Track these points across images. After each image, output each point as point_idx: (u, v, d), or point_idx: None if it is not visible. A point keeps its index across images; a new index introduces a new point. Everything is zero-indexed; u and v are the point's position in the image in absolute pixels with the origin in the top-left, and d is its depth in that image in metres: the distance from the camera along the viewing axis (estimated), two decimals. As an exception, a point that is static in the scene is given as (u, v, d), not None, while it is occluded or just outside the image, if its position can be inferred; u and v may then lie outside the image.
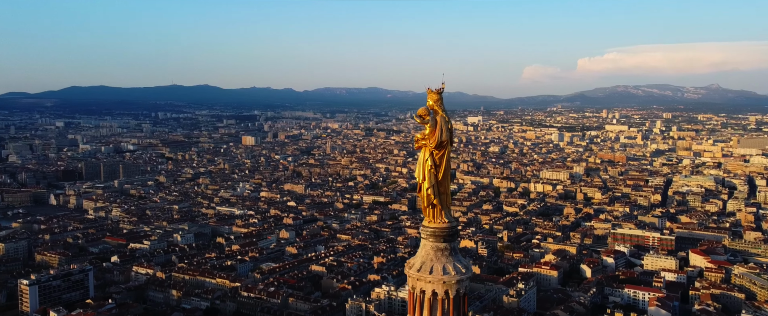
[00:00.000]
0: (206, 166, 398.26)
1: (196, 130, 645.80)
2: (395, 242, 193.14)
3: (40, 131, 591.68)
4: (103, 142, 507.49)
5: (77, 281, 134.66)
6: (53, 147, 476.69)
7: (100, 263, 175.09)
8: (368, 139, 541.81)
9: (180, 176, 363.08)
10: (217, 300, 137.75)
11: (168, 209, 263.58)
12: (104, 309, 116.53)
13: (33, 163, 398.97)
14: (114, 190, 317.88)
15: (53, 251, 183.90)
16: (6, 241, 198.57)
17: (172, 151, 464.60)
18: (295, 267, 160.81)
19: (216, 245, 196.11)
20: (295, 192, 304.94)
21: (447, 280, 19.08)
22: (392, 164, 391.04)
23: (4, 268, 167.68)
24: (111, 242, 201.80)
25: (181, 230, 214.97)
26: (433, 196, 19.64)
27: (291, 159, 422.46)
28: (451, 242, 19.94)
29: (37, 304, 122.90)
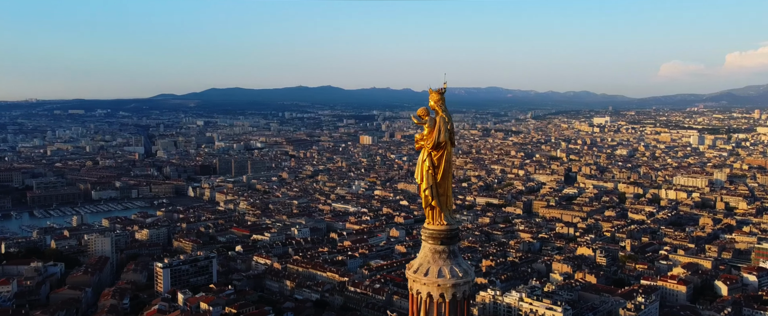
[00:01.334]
0: (325, 163, 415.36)
1: (318, 129, 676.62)
2: (506, 245, 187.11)
3: (183, 129, 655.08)
4: (235, 140, 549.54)
5: (203, 267, 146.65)
6: (193, 144, 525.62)
7: (226, 251, 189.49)
8: (485, 140, 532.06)
9: (301, 172, 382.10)
10: (326, 293, 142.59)
11: (288, 204, 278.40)
12: (224, 294, 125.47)
13: (176, 158, 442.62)
14: (242, 184, 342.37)
15: (188, 238, 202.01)
16: (150, 227, 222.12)
17: (295, 149, 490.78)
18: (402, 266, 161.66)
19: (329, 240, 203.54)
20: (408, 191, 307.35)
21: (442, 283, 18.84)
22: (508, 165, 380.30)
23: (146, 252, 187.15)
24: (236, 233, 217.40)
25: (298, 224, 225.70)
26: (430, 197, 19.49)
27: (406, 158, 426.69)
28: (449, 245, 19.62)
29: (169, 285, 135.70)
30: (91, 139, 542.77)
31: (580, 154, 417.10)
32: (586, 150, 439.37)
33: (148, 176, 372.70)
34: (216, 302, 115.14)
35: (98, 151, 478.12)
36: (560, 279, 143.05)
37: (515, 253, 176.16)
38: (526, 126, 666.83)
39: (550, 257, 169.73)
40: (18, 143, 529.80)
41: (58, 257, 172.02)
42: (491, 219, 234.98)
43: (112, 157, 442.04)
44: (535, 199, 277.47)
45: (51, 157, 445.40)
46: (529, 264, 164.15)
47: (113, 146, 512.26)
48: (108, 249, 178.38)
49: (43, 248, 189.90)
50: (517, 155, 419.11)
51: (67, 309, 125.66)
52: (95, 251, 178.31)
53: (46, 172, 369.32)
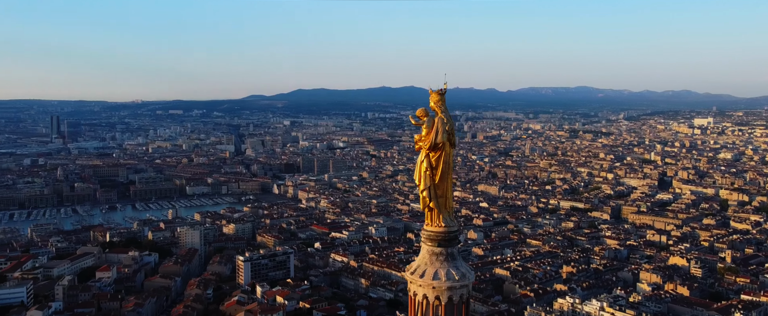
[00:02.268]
0: (405, 164, 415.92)
1: (399, 129, 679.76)
2: (591, 252, 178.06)
3: (271, 129, 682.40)
4: (319, 140, 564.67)
5: (281, 262, 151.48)
6: (279, 143, 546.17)
7: (305, 247, 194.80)
8: (572, 142, 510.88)
9: (381, 172, 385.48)
10: (400, 292, 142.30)
11: (367, 203, 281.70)
12: (300, 289, 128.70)
13: (263, 156, 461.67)
14: (324, 183, 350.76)
15: (270, 233, 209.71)
16: (237, 222, 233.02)
17: (376, 149, 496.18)
18: (478, 268, 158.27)
19: (406, 239, 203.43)
20: (489, 193, 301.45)
21: (437, 285, 18.76)
22: (596, 168, 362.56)
23: (232, 245, 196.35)
24: (316, 230, 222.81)
25: (376, 223, 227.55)
26: (428, 199, 19.39)
27: (488, 160, 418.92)
28: (446, 247, 19.44)
29: (249, 278, 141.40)
30: (187, 138, 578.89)
31: (677, 158, 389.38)
32: (684, 153, 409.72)
33: (237, 173, 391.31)
34: (291, 296, 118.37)
35: (193, 149, 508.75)
36: (648, 290, 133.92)
37: (600, 260, 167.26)
38: (618, 127, 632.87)
39: (638, 265, 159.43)
40: (124, 141, 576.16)
41: (153, 247, 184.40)
42: (575, 224, 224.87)
43: (206, 154, 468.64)
44: (625, 204, 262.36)
45: (152, 154, 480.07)
46: (614, 272, 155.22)
47: (207, 145, 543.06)
48: (197, 242, 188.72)
49: (141, 238, 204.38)
50: (606, 158, 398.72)
51: (158, 296, 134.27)
52: (186, 242, 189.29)
53: (147, 168, 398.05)
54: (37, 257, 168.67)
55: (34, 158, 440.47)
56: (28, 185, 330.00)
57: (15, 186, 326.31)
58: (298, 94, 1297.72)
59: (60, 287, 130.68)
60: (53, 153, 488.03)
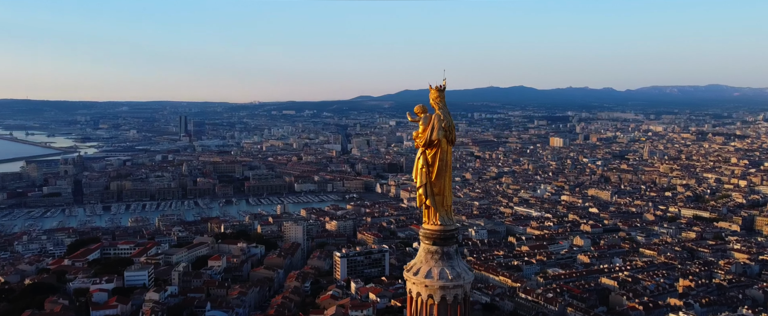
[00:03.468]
0: (511, 165, 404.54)
1: (506, 130, 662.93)
2: (714, 265, 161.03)
3: (377, 129, 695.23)
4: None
5: (376, 260, 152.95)
6: (384, 143, 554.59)
7: (403, 247, 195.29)
8: (699, 145, 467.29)
9: (485, 173, 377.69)
10: (496, 297, 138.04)
11: (469, 205, 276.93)
12: (393, 287, 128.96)
13: (368, 155, 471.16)
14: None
15: (370, 231, 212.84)
16: (339, 219, 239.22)
17: (481, 150, 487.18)
18: (583, 277, 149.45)
19: (507, 243, 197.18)
20: (600, 198, 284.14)
21: (429, 284, 18.62)
22: (726, 174, 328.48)
23: (333, 241, 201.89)
24: (415, 230, 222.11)
25: (476, 226, 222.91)
26: (424, 196, 19.33)
27: (600, 163, 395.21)
28: (442, 246, 19.23)
29: (346, 274, 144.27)
30: (298, 137, 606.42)
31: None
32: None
33: (343, 171, 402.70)
34: (383, 294, 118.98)
35: (303, 147, 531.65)
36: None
37: (724, 275, 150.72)
38: (756, 129, 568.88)
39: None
40: (242, 140, 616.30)
41: (260, 240, 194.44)
42: (698, 234, 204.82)
43: (314, 153, 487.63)
44: (759, 215, 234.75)
45: (266, 152, 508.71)
46: (741, 289, 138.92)
47: (315, 144, 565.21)
48: (300, 236, 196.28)
49: (250, 231, 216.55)
50: (739, 163, 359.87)
51: (261, 286, 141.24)
52: (290, 237, 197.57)
53: (260, 165, 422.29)
54: (160, 244, 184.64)
55: (165, 155, 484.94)
56: (158, 178, 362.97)
57: (147, 179, 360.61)
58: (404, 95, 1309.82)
59: (176, 272, 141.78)
60: (180, 150, 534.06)
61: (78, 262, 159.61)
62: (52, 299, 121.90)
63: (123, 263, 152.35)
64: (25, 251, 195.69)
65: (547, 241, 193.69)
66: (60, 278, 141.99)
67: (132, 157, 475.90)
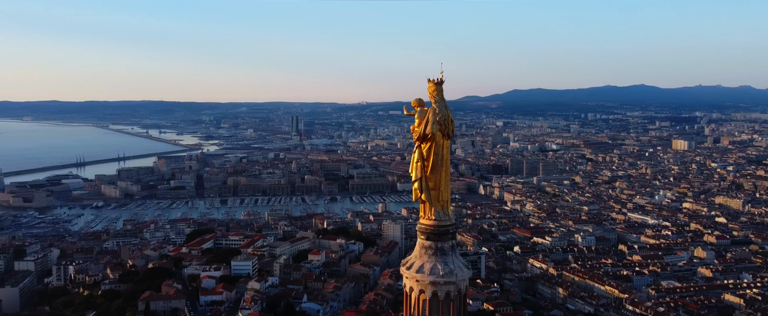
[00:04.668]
0: (626, 169, 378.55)
1: (623, 131, 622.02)
2: None
3: (483, 129, 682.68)
4: (530, 141, 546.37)
5: (472, 262, 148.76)
6: (489, 143, 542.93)
7: (504, 250, 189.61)
8: None
9: (597, 177, 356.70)
10: (601, 307, 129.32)
11: (577, 209, 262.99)
12: (488, 291, 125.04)
13: (472, 156, 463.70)
14: (532, 185, 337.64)
15: (470, 233, 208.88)
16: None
17: (594, 152, 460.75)
18: (702, 292, 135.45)
19: (616, 251, 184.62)
20: (729, 207, 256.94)
21: (420, 279, 18.54)
22: None
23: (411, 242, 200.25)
24: (517, 234, 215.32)
25: (584, 231, 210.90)
26: (419, 191, 19.18)
27: (732, 168, 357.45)
28: (436, 241, 19.01)
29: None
30: (403, 137, 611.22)
31: None
32: None
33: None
34: (476, 296, 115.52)
35: (407, 147, 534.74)
36: None
37: None
38: None
39: None
40: (349, 139, 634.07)
41: (359, 237, 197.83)
42: None
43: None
44: None
45: (370, 151, 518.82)
46: None
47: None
48: (398, 235, 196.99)
49: (350, 228, 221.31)
50: None
51: (356, 282, 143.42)
52: (388, 235, 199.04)
53: (365, 164, 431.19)
54: (267, 237, 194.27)
55: (277, 152, 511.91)
56: (270, 175, 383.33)
57: (260, 176, 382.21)
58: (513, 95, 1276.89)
59: (277, 264, 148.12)
60: (291, 149, 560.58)
61: (194, 250, 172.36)
62: (168, 282, 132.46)
63: (232, 253, 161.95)
64: (152, 238, 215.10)
65: (663, 251, 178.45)
66: (177, 264, 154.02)
67: (248, 154, 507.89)
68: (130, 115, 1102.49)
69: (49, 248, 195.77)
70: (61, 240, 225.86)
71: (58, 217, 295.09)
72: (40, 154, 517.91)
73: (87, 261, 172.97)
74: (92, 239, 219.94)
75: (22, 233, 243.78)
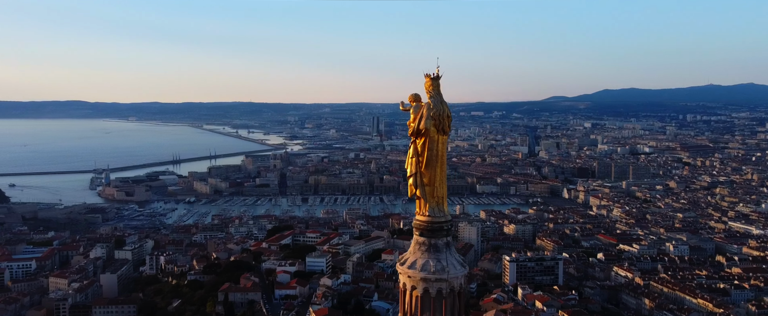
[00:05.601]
0: (729, 175, 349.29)
1: (727, 134, 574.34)
2: None
3: (569, 131, 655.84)
4: (620, 143, 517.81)
5: (549, 267, 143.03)
6: (575, 146, 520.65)
7: (586, 257, 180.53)
8: None
9: (693, 182, 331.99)
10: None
11: (670, 216, 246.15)
12: (565, 297, 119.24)
13: (557, 159, 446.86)
14: (620, 190, 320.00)
15: (550, 238, 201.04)
16: (518, 223, 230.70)
17: (691, 156, 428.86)
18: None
19: (713, 263, 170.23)
20: None
21: (412, 275, 18.41)
22: None
23: (509, 245, 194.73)
24: (602, 240, 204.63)
25: (677, 240, 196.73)
26: (414, 187, 19.06)
27: None
28: (430, 238, 18.82)
29: (514, 279, 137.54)
30: (484, 138, 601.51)
31: None
32: None
33: (527, 174, 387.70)
34: (550, 303, 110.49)
35: (487, 149, 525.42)
36: None
37: None
38: None
39: None
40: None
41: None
42: None
43: (499, 155, 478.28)
44: None
45: (450, 152, 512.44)
46: None
47: (501, 145, 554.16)
48: (474, 237, 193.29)
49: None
50: None
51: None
52: (464, 237, 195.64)
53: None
54: (343, 235, 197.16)
55: (357, 153, 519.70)
56: (350, 175, 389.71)
57: (340, 175, 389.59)
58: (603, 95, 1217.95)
59: (350, 262, 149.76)
60: (371, 149, 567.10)
61: (273, 245, 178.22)
62: (246, 275, 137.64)
63: (308, 249, 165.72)
64: (236, 233, 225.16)
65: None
66: (256, 258, 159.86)
67: (329, 154, 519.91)
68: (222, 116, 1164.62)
69: (145, 239, 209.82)
70: (156, 232, 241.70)
71: (155, 210, 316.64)
72: (142, 152, 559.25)
73: (176, 253, 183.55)
74: (183, 232, 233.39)
75: (123, 225, 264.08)
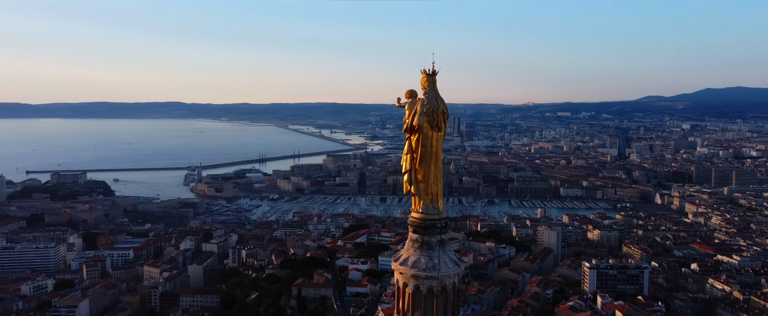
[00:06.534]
0: None
1: None
2: None
3: (664, 133, 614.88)
4: (723, 146, 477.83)
5: (632, 276, 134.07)
6: (671, 148, 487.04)
7: (677, 267, 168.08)
8: None
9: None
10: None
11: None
12: (649, 309, 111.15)
13: (648, 162, 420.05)
14: (721, 197, 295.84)
15: (638, 245, 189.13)
16: (603, 229, 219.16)
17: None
18: None
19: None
20: None
21: (403, 271, 18.35)
22: None
23: (592, 251, 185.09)
24: (697, 249, 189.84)
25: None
26: (408, 183, 19.05)
27: None
28: (422, 235, 18.63)
29: (595, 287, 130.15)
30: (570, 140, 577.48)
31: None
32: None
33: (616, 178, 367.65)
34: (632, 313, 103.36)
35: (573, 151, 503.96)
36: None
37: None
38: None
39: None
40: (511, 141, 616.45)
41: (512, 241, 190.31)
42: None
43: (585, 157, 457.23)
44: None
45: (533, 154, 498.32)
46: None
47: (588, 147, 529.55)
48: (554, 242, 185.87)
49: (504, 232, 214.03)
50: None
51: (502, 287, 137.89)
52: (543, 241, 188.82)
53: (526, 167, 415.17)
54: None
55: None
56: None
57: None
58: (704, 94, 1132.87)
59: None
60: (452, 149, 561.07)
61: (348, 243, 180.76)
62: (319, 271, 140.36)
63: (381, 248, 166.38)
64: (314, 230, 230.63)
65: None
66: (330, 255, 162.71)
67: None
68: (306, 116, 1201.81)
69: (230, 234, 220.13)
70: (241, 227, 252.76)
71: (241, 206, 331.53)
72: (231, 151, 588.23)
73: (257, 247, 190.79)
74: (265, 227, 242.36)
75: (211, 219, 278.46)
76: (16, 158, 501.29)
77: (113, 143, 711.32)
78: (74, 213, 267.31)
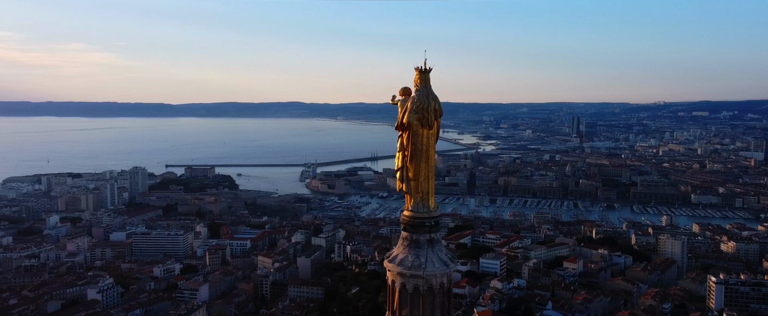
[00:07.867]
0: None
1: None
2: None
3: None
4: None
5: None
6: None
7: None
8: None
9: None
10: None
11: None
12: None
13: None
14: None
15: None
16: (739, 241, 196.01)
17: None
18: None
19: None
20: None
21: (392, 269, 18.29)
22: None
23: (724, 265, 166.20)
24: None
25: None
26: (400, 181, 18.98)
27: None
28: (413, 233, 18.46)
29: (721, 304, 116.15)
30: (706, 142, 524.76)
31: None
32: None
33: (760, 185, 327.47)
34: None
35: (709, 154, 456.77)
36: None
37: None
38: None
39: None
40: (637, 143, 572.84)
41: (628, 249, 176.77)
42: None
43: (723, 161, 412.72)
44: None
45: (661, 157, 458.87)
46: None
47: (727, 150, 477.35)
48: (678, 253, 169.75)
49: (621, 239, 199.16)
50: None
51: (613, 297, 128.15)
52: (665, 251, 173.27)
53: (652, 171, 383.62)
54: (524, 239, 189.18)
55: (553, 154, 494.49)
56: (542, 177, 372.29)
57: (532, 178, 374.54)
58: None
59: (526, 267, 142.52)
60: (569, 151, 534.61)
61: (451, 243, 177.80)
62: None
63: (484, 250, 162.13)
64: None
65: None
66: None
67: (522, 155, 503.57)
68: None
69: (338, 229, 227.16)
70: (349, 223, 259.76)
71: (352, 203, 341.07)
72: (345, 149, 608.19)
73: (362, 243, 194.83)
74: (372, 224, 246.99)
75: (322, 215, 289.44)
76: (157, 153, 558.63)
77: (239, 140, 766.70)
78: (202, 204, 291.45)
